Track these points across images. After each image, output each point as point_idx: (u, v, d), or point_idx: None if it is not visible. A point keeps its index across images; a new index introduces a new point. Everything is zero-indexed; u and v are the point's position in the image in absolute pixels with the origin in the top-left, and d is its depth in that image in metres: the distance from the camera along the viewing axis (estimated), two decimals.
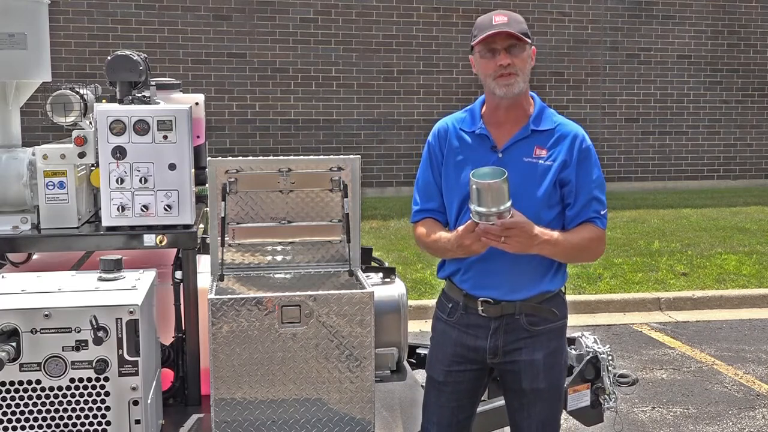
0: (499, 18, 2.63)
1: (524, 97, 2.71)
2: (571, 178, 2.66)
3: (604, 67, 13.77)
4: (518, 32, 2.60)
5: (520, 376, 2.72)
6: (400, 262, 8.18)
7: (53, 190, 3.19)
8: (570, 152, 2.67)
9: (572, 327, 3.20)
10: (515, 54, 2.61)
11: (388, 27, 12.84)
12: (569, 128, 2.72)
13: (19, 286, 2.77)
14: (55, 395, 2.56)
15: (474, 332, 2.73)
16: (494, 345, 2.71)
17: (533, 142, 2.68)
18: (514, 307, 2.68)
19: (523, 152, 2.67)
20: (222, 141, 12.24)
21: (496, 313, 2.69)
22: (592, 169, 2.70)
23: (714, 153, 14.43)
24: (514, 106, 2.69)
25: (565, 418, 4.40)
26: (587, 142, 2.71)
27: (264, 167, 3.19)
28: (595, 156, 2.73)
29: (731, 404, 5.14)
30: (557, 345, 2.74)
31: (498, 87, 2.63)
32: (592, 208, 2.68)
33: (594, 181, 2.70)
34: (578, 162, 2.67)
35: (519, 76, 2.62)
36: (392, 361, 3.69)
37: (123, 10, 11.89)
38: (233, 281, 3.20)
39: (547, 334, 2.71)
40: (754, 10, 14.29)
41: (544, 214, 2.65)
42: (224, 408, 2.89)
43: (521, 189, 2.61)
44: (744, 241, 9.62)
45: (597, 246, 2.71)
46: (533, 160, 2.66)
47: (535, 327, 2.69)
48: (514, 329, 2.69)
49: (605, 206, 2.73)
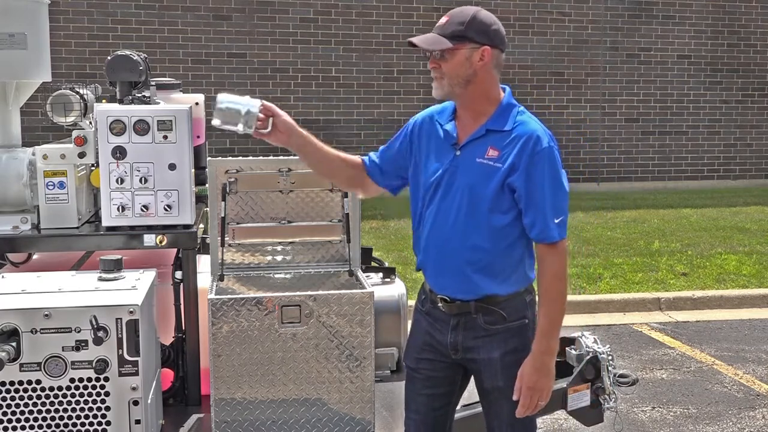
0: (443, 19, 2.61)
1: (471, 98, 2.62)
2: (518, 184, 2.54)
3: (604, 67, 13.76)
4: (447, 35, 2.55)
5: (480, 374, 2.71)
6: (400, 262, 8.17)
7: (53, 190, 3.19)
8: (520, 155, 2.54)
9: (572, 327, 3.19)
10: (444, 58, 2.58)
11: (388, 27, 12.84)
12: (526, 129, 2.58)
13: (19, 286, 2.77)
14: (55, 395, 2.56)
15: (439, 326, 2.73)
16: (454, 341, 2.70)
17: (488, 142, 2.60)
18: (469, 306, 2.66)
19: (477, 152, 2.61)
20: (222, 141, 12.23)
21: (454, 310, 2.68)
22: (543, 174, 2.54)
23: (714, 153, 14.43)
24: (464, 105, 2.66)
25: (565, 418, 4.40)
26: (542, 145, 2.54)
27: (264, 167, 3.20)
28: (552, 159, 2.56)
29: (731, 404, 5.14)
30: (517, 344, 2.67)
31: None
32: (542, 219, 2.56)
33: (545, 187, 2.55)
34: (528, 166, 2.53)
35: (444, 80, 2.59)
36: (392, 361, 3.69)
37: (123, 10, 11.89)
38: (233, 281, 3.20)
39: (504, 334, 2.66)
40: (754, 10, 14.29)
41: (495, 218, 2.58)
42: (224, 408, 2.89)
43: (471, 190, 2.58)
44: (744, 241, 9.61)
45: (555, 267, 2.60)
46: (484, 161, 2.59)
47: (492, 326, 2.66)
48: (472, 327, 2.67)
49: (561, 213, 2.59)
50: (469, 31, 2.56)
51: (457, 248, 2.63)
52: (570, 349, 3.57)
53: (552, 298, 2.61)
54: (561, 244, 2.60)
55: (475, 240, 2.60)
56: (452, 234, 2.63)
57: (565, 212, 2.62)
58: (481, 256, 2.61)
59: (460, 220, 2.61)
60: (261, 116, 2.62)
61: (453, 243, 2.63)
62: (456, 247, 2.63)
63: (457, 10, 2.62)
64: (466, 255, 2.62)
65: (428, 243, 2.71)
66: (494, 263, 2.63)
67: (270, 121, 2.65)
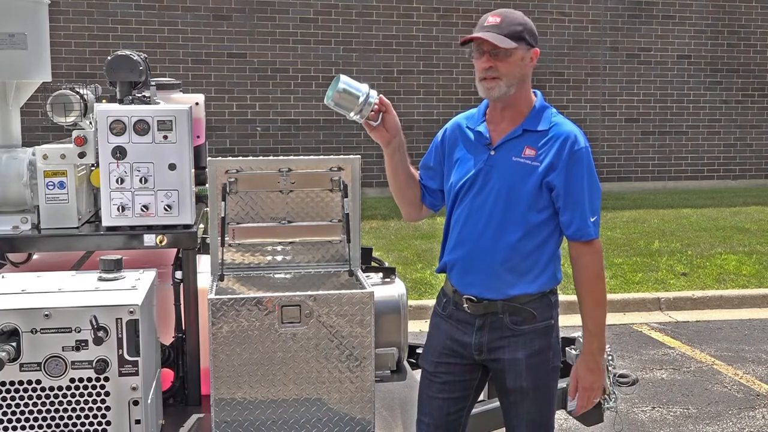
0: (493, 19, 2.62)
1: (518, 98, 2.67)
2: (557, 183, 2.60)
3: (604, 67, 13.77)
4: (506, 35, 2.57)
5: (504, 374, 2.72)
6: (400, 262, 8.18)
7: (53, 190, 3.18)
8: (558, 155, 2.60)
9: (572, 327, 3.19)
10: (500, 58, 2.59)
11: (388, 27, 12.84)
12: (563, 129, 2.64)
13: (19, 286, 2.77)
14: (55, 395, 2.56)
15: (462, 328, 2.74)
16: (479, 342, 2.71)
17: (524, 141, 2.65)
18: (496, 306, 2.67)
19: (513, 151, 2.65)
20: (222, 141, 12.24)
21: (480, 310, 2.69)
22: (582, 173, 2.61)
23: (714, 153, 14.43)
24: (507, 106, 2.68)
25: (565, 418, 4.40)
26: (580, 145, 2.62)
27: (264, 167, 3.19)
28: (587, 160, 2.63)
29: (731, 404, 5.14)
30: (542, 345, 2.70)
31: (481, 89, 2.65)
32: (580, 217, 2.62)
33: (583, 186, 2.62)
34: (567, 166, 2.60)
35: (501, 80, 2.60)
36: (392, 361, 3.68)
37: (123, 10, 11.89)
38: (233, 281, 3.20)
39: (530, 334, 2.69)
40: (754, 10, 14.29)
41: (531, 216, 2.62)
42: (224, 408, 2.89)
43: (508, 188, 2.62)
44: (744, 241, 9.62)
45: (595, 266, 2.66)
46: (522, 159, 2.63)
47: (518, 326, 2.68)
48: (498, 327, 2.69)
49: (596, 212, 2.66)
50: (525, 32, 2.62)
51: (490, 246, 2.65)
52: (570, 349, 3.56)
53: (596, 298, 2.67)
54: (597, 243, 2.67)
55: (510, 238, 2.63)
56: (485, 232, 2.65)
57: (599, 212, 2.70)
58: (513, 255, 2.64)
59: (495, 218, 2.64)
60: (376, 108, 2.65)
61: (486, 241, 2.65)
62: (489, 244, 2.65)
63: (507, 11, 2.67)
64: (499, 252, 2.64)
65: (458, 241, 2.72)
66: (526, 262, 2.65)
67: (380, 116, 2.69)
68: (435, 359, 2.81)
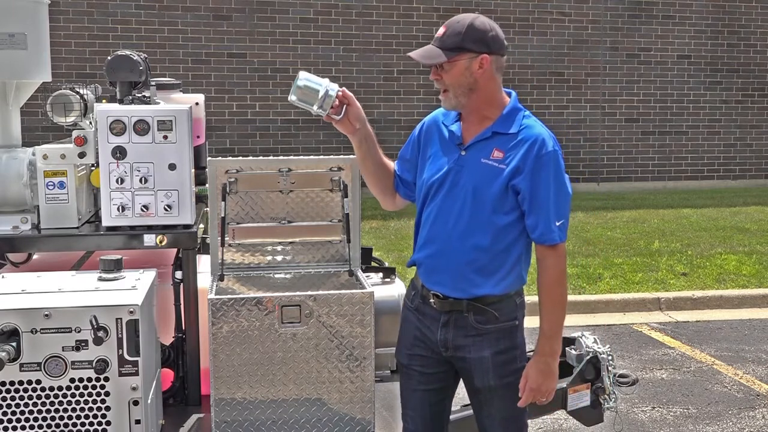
0: (441, 30, 2.62)
1: (477, 105, 2.65)
2: (522, 186, 2.58)
3: (604, 67, 13.76)
4: (446, 47, 2.56)
5: (471, 373, 2.72)
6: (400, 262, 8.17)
7: (53, 190, 3.19)
8: (525, 158, 2.58)
9: (572, 327, 3.20)
10: (445, 70, 2.60)
11: (388, 27, 12.84)
12: (532, 132, 2.62)
13: (19, 286, 2.77)
14: (55, 395, 2.57)
15: (428, 323, 2.75)
16: (444, 338, 2.71)
17: (494, 143, 2.64)
18: (461, 305, 2.67)
19: (482, 153, 2.64)
20: (222, 141, 12.23)
21: (446, 307, 2.70)
22: (549, 177, 2.58)
23: (714, 153, 14.43)
24: (471, 112, 2.68)
25: (565, 418, 4.40)
26: (547, 149, 2.58)
27: (264, 167, 3.20)
28: (555, 163, 2.60)
29: (731, 404, 5.14)
30: (507, 345, 2.70)
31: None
32: (545, 221, 2.60)
33: (549, 190, 2.59)
34: (533, 169, 2.57)
35: (449, 91, 2.62)
36: (392, 361, 3.68)
37: (123, 10, 11.89)
38: (233, 281, 3.20)
39: (495, 334, 2.68)
40: (754, 10, 14.29)
41: (497, 218, 2.61)
42: (224, 408, 2.89)
43: (475, 189, 2.62)
44: (744, 241, 9.61)
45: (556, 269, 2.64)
46: (489, 162, 2.62)
47: (483, 325, 2.68)
48: (463, 326, 2.69)
49: (563, 216, 2.63)
50: (466, 41, 2.58)
51: (458, 247, 2.65)
52: (570, 349, 3.57)
53: (554, 301, 2.66)
54: (561, 247, 2.65)
55: (477, 239, 2.63)
56: (453, 232, 2.66)
57: (567, 216, 2.67)
58: (480, 256, 2.64)
59: (463, 218, 2.64)
60: (337, 102, 2.68)
61: (454, 241, 2.65)
62: (457, 245, 2.65)
63: (454, 20, 2.63)
64: (466, 254, 2.64)
65: (428, 240, 2.73)
66: (492, 263, 2.65)
67: (344, 109, 2.72)
68: (408, 351, 2.82)
